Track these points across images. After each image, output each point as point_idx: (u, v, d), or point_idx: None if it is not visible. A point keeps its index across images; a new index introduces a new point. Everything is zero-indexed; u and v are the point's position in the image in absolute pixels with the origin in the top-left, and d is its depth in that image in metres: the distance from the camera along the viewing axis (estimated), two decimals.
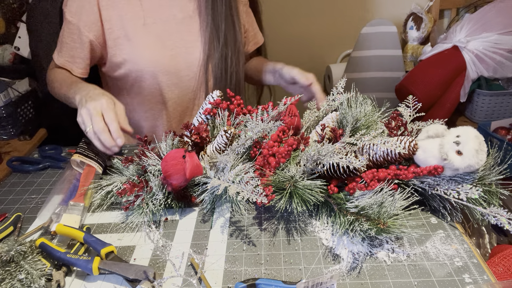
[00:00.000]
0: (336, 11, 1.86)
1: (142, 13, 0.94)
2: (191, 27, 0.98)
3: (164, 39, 0.96)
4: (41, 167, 0.91)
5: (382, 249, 0.61)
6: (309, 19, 1.88)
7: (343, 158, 0.61)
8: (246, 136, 0.70)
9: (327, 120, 0.77)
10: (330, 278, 0.51)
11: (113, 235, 0.68)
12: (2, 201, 0.80)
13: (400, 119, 0.74)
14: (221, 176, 0.68)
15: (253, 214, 0.71)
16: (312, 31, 1.90)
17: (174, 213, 0.73)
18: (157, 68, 0.95)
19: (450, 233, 0.64)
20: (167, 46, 0.96)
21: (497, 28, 1.35)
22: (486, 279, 0.55)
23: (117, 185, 0.73)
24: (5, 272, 0.57)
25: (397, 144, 0.64)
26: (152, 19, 0.95)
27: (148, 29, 0.94)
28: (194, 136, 0.76)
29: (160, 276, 0.59)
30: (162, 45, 0.95)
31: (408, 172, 0.63)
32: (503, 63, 1.35)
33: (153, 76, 0.96)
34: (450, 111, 1.44)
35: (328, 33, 1.91)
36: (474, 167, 0.60)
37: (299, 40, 1.92)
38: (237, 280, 0.57)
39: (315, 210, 0.70)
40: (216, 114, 0.82)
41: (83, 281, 0.59)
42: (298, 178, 0.64)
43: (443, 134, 0.64)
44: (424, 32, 1.75)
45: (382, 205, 0.59)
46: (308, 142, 0.71)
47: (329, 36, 1.92)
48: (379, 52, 1.70)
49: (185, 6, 0.97)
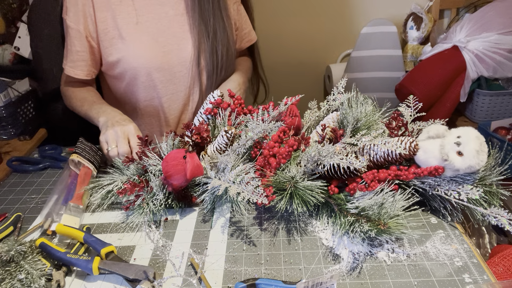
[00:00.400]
0: (336, 11, 1.86)
1: (134, 12, 0.96)
2: (182, 24, 1.00)
3: (157, 36, 0.98)
4: (41, 167, 0.91)
5: (382, 249, 0.61)
6: (309, 19, 1.88)
7: (344, 159, 0.61)
8: (247, 137, 0.70)
9: (327, 120, 0.77)
10: (330, 278, 0.51)
11: (113, 235, 0.68)
12: (2, 201, 0.80)
13: (400, 119, 0.73)
14: (222, 177, 0.68)
15: (254, 214, 0.71)
16: (312, 31, 1.90)
17: (175, 213, 0.73)
18: (150, 65, 0.97)
19: (450, 233, 0.64)
20: (160, 43, 0.98)
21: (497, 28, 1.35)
22: (486, 279, 0.55)
23: (117, 185, 0.73)
24: (5, 272, 0.57)
25: (397, 144, 0.64)
26: (145, 18, 0.97)
27: (141, 27, 0.96)
28: (194, 136, 0.76)
29: (160, 276, 0.59)
30: (154, 42, 0.97)
31: (408, 172, 0.63)
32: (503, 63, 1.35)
33: (147, 74, 0.98)
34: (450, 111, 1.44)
35: (328, 33, 1.91)
36: (474, 167, 0.60)
37: (299, 40, 1.92)
38: (237, 280, 0.57)
39: (316, 210, 0.70)
40: (217, 114, 0.82)
41: (83, 281, 0.59)
42: (298, 178, 0.64)
43: (444, 135, 0.64)
44: (424, 32, 1.75)
45: (383, 206, 0.59)
46: (308, 143, 0.71)
47: (329, 36, 1.92)
48: (379, 52, 1.70)
49: (176, 4, 0.99)
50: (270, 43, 1.89)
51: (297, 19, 1.88)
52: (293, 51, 1.96)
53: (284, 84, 2.03)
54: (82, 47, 0.96)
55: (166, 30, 0.98)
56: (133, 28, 0.96)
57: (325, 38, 1.92)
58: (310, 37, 1.92)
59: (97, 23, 0.95)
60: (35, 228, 0.70)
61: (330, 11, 1.85)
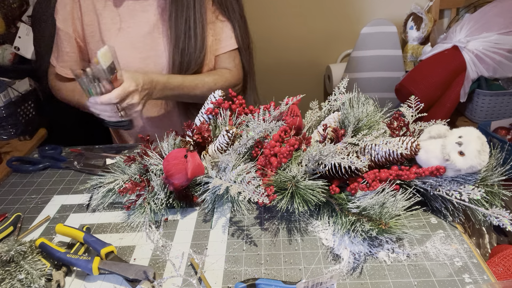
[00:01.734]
0: (336, 11, 1.86)
1: (118, 17, 0.98)
2: (162, 30, 1.00)
3: (135, 41, 0.99)
4: (41, 167, 0.91)
5: (382, 249, 0.61)
6: (309, 19, 1.88)
7: (345, 159, 0.61)
8: (248, 136, 0.70)
9: (329, 120, 0.77)
10: (330, 278, 0.51)
11: (113, 235, 0.68)
12: (2, 201, 0.80)
13: (402, 120, 0.73)
14: (223, 176, 0.68)
15: (254, 214, 0.71)
16: (312, 31, 1.90)
17: (175, 212, 0.73)
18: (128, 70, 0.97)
19: (450, 233, 0.63)
20: (137, 49, 0.99)
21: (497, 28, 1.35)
22: (486, 279, 0.55)
23: (119, 183, 0.73)
24: (5, 272, 0.57)
25: (399, 144, 0.64)
26: (127, 24, 0.98)
27: (122, 33, 0.98)
28: (196, 136, 0.76)
29: (160, 276, 0.59)
30: (133, 48, 0.98)
31: (410, 172, 0.63)
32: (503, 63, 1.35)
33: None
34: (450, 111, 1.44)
35: (328, 33, 1.91)
36: (476, 168, 0.60)
37: (299, 40, 1.92)
38: (237, 280, 0.57)
39: (317, 210, 0.70)
40: (218, 113, 0.82)
41: (83, 281, 0.59)
42: (299, 178, 0.64)
43: (445, 135, 0.64)
44: (424, 32, 1.75)
45: (384, 206, 0.59)
46: (309, 142, 0.71)
47: (329, 36, 1.92)
48: (379, 52, 1.70)
49: (159, 10, 0.99)
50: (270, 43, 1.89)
51: (297, 19, 1.88)
52: (293, 51, 1.96)
53: (284, 84, 2.03)
54: (71, 48, 0.99)
55: (146, 36, 0.99)
56: (114, 34, 0.98)
57: (325, 38, 1.92)
58: (310, 37, 1.92)
59: (84, 26, 0.97)
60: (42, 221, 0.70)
61: (330, 11, 1.86)
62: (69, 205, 0.77)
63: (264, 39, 1.83)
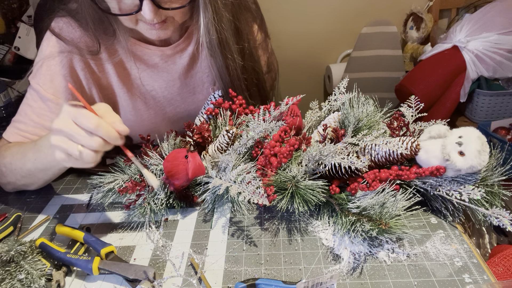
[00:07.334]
0: (336, 11, 1.86)
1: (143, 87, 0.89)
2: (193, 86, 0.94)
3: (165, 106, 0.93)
4: None
5: (382, 249, 0.61)
6: (309, 19, 1.88)
7: (345, 159, 0.61)
8: (248, 136, 0.70)
9: (329, 120, 0.77)
10: (330, 278, 0.51)
11: (113, 235, 0.68)
12: (2, 201, 0.80)
13: (402, 120, 0.73)
14: (223, 176, 0.68)
15: (254, 214, 0.71)
16: (312, 31, 1.90)
17: (175, 213, 0.73)
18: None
19: (450, 233, 0.63)
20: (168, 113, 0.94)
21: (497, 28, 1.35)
22: (486, 279, 0.55)
23: (119, 183, 0.73)
24: (5, 272, 0.57)
25: (399, 144, 0.64)
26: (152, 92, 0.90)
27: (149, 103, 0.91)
28: (196, 136, 0.76)
29: (160, 276, 0.59)
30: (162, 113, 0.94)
31: (410, 172, 0.63)
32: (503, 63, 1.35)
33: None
34: (450, 111, 1.44)
35: (328, 33, 1.91)
36: (476, 168, 0.60)
37: (299, 39, 1.92)
38: (237, 280, 0.57)
39: (317, 210, 0.70)
40: (218, 114, 0.82)
41: (83, 281, 0.59)
42: (299, 178, 0.64)
43: (445, 135, 0.64)
44: (424, 32, 1.75)
45: (384, 206, 0.59)
46: (310, 142, 0.71)
47: (329, 36, 1.92)
48: (379, 52, 1.70)
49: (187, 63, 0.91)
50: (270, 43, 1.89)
51: (297, 19, 1.88)
52: (293, 51, 1.96)
53: (284, 84, 2.02)
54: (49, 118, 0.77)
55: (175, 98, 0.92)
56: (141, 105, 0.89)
57: (325, 38, 1.92)
58: (310, 37, 1.92)
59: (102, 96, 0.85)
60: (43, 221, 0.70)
61: (330, 11, 1.86)
62: (69, 205, 0.77)
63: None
